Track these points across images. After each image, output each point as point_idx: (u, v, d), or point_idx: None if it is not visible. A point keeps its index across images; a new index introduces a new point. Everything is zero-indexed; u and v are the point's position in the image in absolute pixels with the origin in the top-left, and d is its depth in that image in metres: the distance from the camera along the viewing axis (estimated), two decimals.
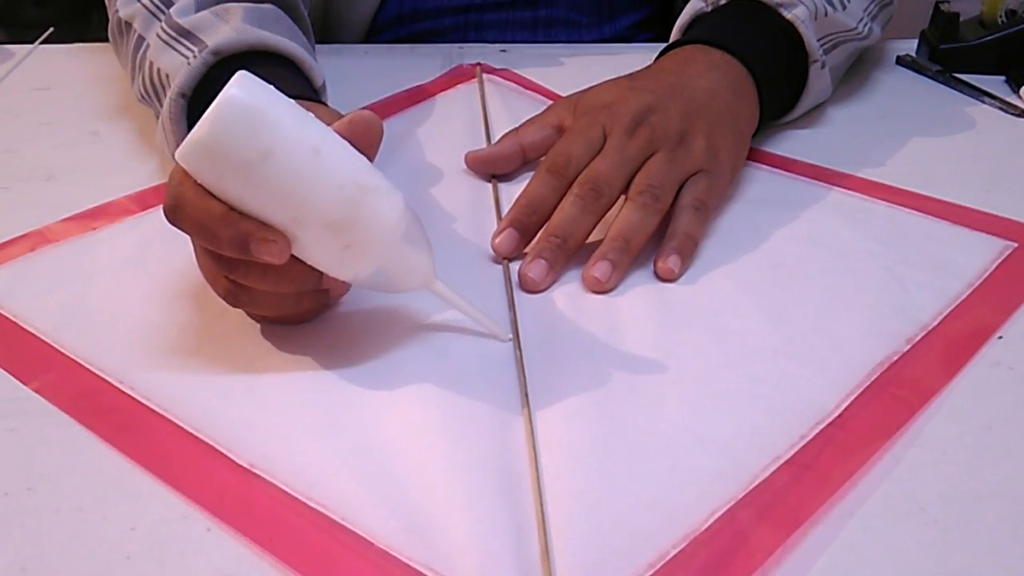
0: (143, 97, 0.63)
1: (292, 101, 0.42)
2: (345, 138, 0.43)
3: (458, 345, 0.47)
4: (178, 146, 0.56)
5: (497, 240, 0.53)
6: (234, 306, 0.46)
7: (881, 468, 0.40)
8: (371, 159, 0.44)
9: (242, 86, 0.40)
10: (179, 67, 0.56)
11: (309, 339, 0.47)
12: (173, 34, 0.58)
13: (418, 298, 0.50)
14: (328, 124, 0.43)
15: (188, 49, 0.57)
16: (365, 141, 0.44)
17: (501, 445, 0.41)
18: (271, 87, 0.41)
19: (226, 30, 0.56)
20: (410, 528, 0.37)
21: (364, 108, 0.46)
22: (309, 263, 0.43)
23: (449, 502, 0.38)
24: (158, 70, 0.59)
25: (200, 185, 0.41)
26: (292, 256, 0.42)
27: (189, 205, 0.42)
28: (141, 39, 0.62)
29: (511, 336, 0.47)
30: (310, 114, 0.42)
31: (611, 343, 0.47)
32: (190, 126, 0.56)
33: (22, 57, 0.83)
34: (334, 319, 0.49)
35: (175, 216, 0.42)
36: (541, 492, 0.38)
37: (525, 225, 0.53)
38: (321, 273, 0.44)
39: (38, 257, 0.55)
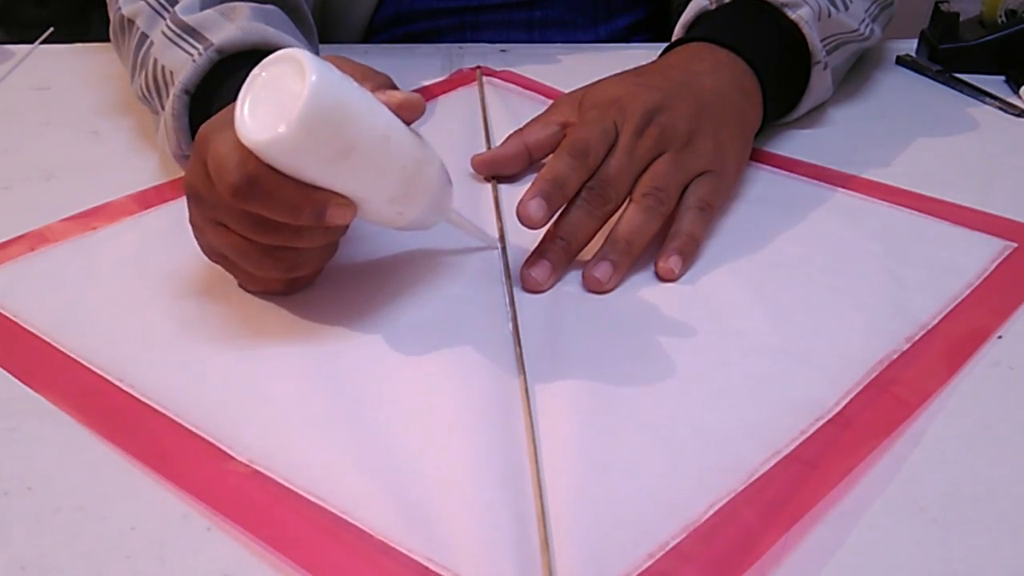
0: (143, 95, 0.63)
1: (359, 86, 0.43)
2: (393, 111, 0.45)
3: (458, 340, 0.47)
4: (179, 143, 0.57)
5: (529, 208, 0.51)
6: (276, 272, 0.47)
7: (881, 468, 0.40)
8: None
9: (321, 80, 0.40)
10: (183, 64, 0.57)
11: (308, 336, 0.47)
12: (178, 31, 0.59)
13: (417, 295, 0.50)
14: (355, 77, 0.43)
15: (193, 47, 0.57)
16: (410, 120, 0.46)
17: (501, 438, 0.41)
18: (345, 76, 0.42)
19: (231, 28, 0.57)
20: (410, 520, 0.37)
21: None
22: (362, 219, 0.46)
23: (449, 494, 0.38)
24: (162, 67, 0.59)
25: (269, 166, 0.42)
26: None
27: (265, 183, 0.42)
28: (144, 36, 0.62)
29: (498, 244, 0.52)
30: (374, 98, 0.43)
31: (611, 340, 0.47)
32: (192, 123, 0.57)
33: (22, 57, 0.83)
34: (333, 317, 0.49)
35: (248, 194, 0.42)
36: (541, 484, 0.38)
37: (552, 199, 0.52)
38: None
39: (38, 257, 0.55)
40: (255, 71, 0.42)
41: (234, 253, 0.46)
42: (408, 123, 0.46)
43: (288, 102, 0.40)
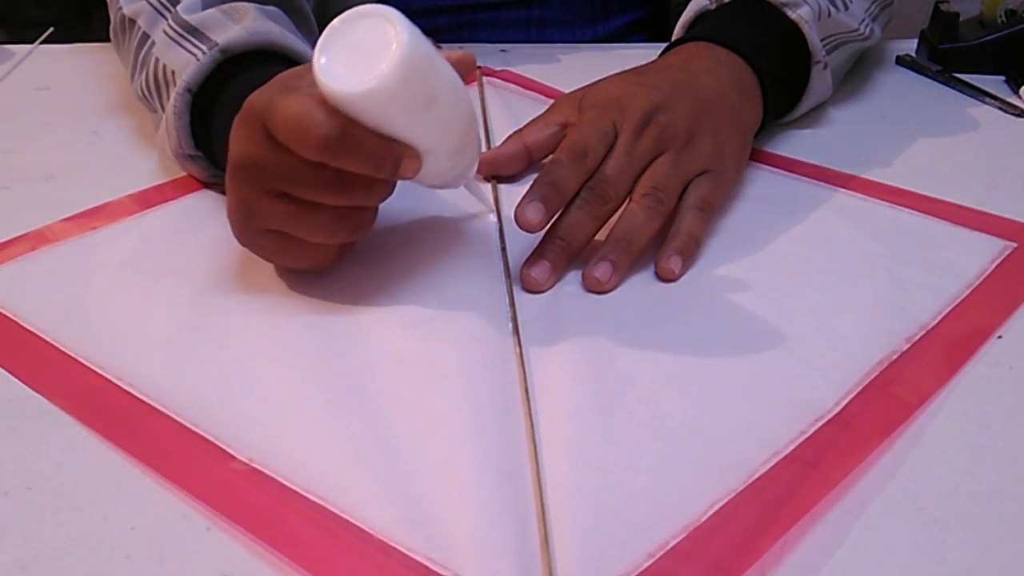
0: (143, 95, 0.63)
1: (431, 42, 0.44)
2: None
3: (459, 339, 0.47)
4: (180, 141, 0.57)
5: (527, 212, 0.51)
6: (341, 234, 0.47)
7: (881, 468, 0.40)
8: None
9: (412, 33, 0.42)
10: (186, 64, 0.57)
11: (308, 335, 0.47)
12: (180, 31, 0.59)
13: (417, 294, 0.50)
14: None
15: (196, 47, 0.57)
16: (465, 78, 0.48)
17: (501, 437, 0.41)
18: (418, 30, 0.43)
19: (237, 29, 0.57)
20: (410, 519, 0.37)
21: None
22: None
23: (449, 493, 0.38)
24: (164, 67, 0.59)
25: (352, 120, 0.42)
26: None
27: (356, 135, 0.43)
28: (146, 36, 0.62)
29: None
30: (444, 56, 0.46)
31: (611, 340, 0.47)
32: (193, 122, 0.57)
33: (22, 57, 0.83)
34: (333, 316, 0.49)
35: (340, 147, 0.42)
36: (541, 483, 0.38)
37: (550, 201, 0.52)
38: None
39: (38, 257, 0.55)
40: (330, 28, 0.43)
41: (296, 223, 0.46)
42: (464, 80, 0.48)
43: (378, 53, 0.41)
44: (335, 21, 0.43)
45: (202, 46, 0.57)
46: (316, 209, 0.46)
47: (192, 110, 0.56)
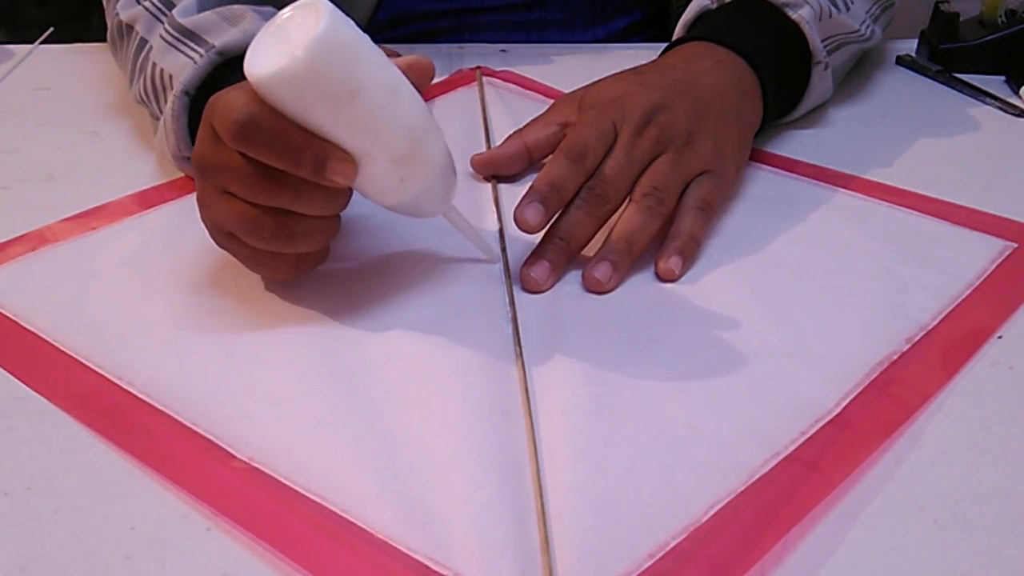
0: (142, 99, 0.63)
1: (369, 39, 0.43)
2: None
3: (459, 339, 0.47)
4: (179, 144, 0.57)
5: (526, 213, 0.51)
6: (280, 245, 0.46)
7: (881, 468, 0.40)
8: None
9: (333, 21, 0.41)
10: (183, 67, 0.57)
11: (308, 335, 0.47)
12: (177, 35, 0.59)
13: (416, 294, 0.50)
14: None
15: (193, 50, 0.57)
16: (419, 84, 0.46)
17: (501, 437, 0.41)
18: (352, 23, 0.42)
19: (233, 31, 0.57)
20: (410, 519, 0.37)
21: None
22: (359, 190, 0.46)
23: (449, 493, 0.38)
24: (161, 71, 0.59)
25: (275, 110, 0.42)
26: None
27: (267, 122, 0.42)
28: (144, 41, 0.62)
29: (500, 258, 0.52)
30: (384, 55, 0.43)
31: (611, 341, 0.47)
32: (191, 124, 0.57)
33: (22, 57, 0.83)
34: (333, 316, 0.49)
35: (249, 132, 0.42)
36: (541, 483, 0.38)
37: (548, 203, 0.52)
38: (350, 196, 0.46)
39: (38, 257, 0.55)
40: (271, 20, 0.43)
41: (239, 223, 0.46)
42: (418, 86, 0.46)
43: (299, 37, 0.40)
44: (273, 18, 0.43)
45: (199, 49, 0.57)
46: (260, 212, 0.45)
47: (190, 113, 0.56)
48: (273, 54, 0.41)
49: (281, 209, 0.45)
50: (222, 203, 0.46)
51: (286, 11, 0.42)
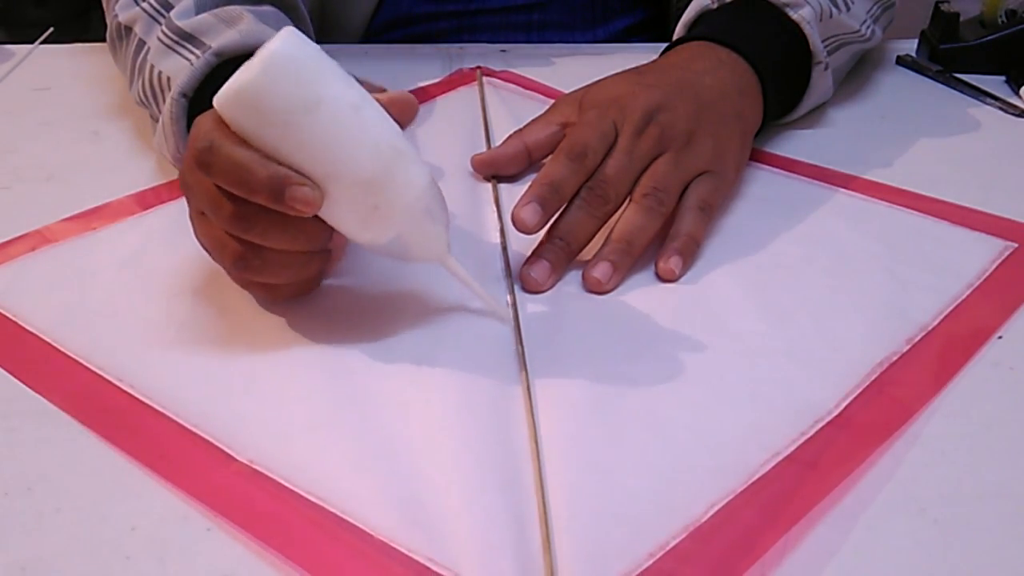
0: (142, 101, 0.63)
1: (334, 62, 0.43)
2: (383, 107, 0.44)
3: (459, 340, 0.47)
4: (178, 147, 0.57)
5: (523, 214, 0.51)
6: (242, 273, 0.45)
7: (881, 468, 0.40)
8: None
9: (288, 39, 0.41)
10: (181, 69, 0.56)
11: (309, 336, 0.47)
12: (174, 37, 0.59)
13: (416, 294, 0.50)
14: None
15: (191, 52, 0.57)
16: (401, 117, 0.45)
17: (502, 437, 0.41)
18: (315, 45, 0.42)
19: (231, 33, 0.57)
20: (411, 520, 0.37)
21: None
22: (332, 223, 0.44)
23: (450, 494, 0.38)
24: (159, 73, 0.59)
25: (234, 133, 0.42)
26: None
27: (224, 148, 0.41)
28: (142, 43, 0.62)
29: (511, 317, 0.48)
30: (350, 75, 0.43)
31: (612, 341, 0.47)
32: (190, 126, 0.56)
33: (22, 57, 0.83)
34: (333, 317, 0.49)
35: (207, 158, 0.42)
36: (542, 484, 0.38)
37: (547, 203, 0.52)
38: (331, 231, 0.44)
39: (38, 257, 0.55)
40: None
41: (210, 246, 0.46)
42: (401, 123, 0.45)
43: (258, 58, 0.40)
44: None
45: (196, 51, 0.57)
46: (228, 239, 0.44)
47: (188, 114, 0.56)
48: (235, 77, 0.41)
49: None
50: (199, 223, 0.46)
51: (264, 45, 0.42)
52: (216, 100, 0.41)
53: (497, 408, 0.43)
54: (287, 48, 0.41)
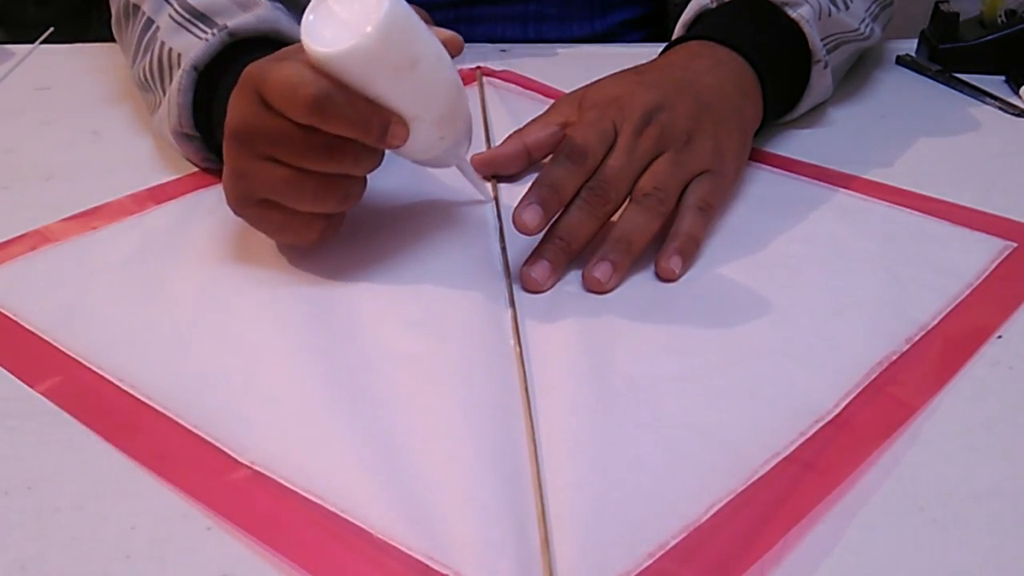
0: (144, 79, 0.63)
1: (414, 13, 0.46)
2: None
3: (459, 339, 0.47)
4: (180, 120, 0.58)
5: (524, 215, 0.51)
6: (326, 202, 0.48)
7: (881, 468, 0.40)
8: None
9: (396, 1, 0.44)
10: (192, 46, 0.58)
11: (309, 336, 0.47)
12: (187, 16, 0.60)
13: (417, 293, 0.50)
14: None
15: (203, 31, 0.59)
16: (450, 52, 0.49)
17: (501, 436, 0.41)
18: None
19: (246, 15, 0.58)
20: (411, 519, 0.37)
21: None
22: (401, 149, 0.49)
23: (449, 493, 0.38)
24: (169, 50, 0.60)
25: (341, 84, 0.44)
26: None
27: (341, 97, 0.44)
28: (150, 21, 0.63)
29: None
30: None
31: (611, 340, 0.47)
32: (196, 100, 0.58)
33: (22, 57, 0.83)
34: (334, 316, 0.49)
35: (325, 109, 0.44)
36: (541, 482, 0.38)
37: (548, 204, 0.52)
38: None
39: (39, 256, 0.55)
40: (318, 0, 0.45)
41: (287, 189, 0.47)
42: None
43: (362, 16, 0.43)
44: None
45: (210, 29, 0.58)
46: (305, 176, 0.47)
47: (196, 88, 0.57)
48: (335, 32, 0.43)
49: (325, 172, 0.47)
50: (263, 169, 0.47)
51: None
52: (326, 54, 0.43)
53: (496, 407, 0.43)
54: (397, 7, 0.43)
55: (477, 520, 0.37)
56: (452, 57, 0.49)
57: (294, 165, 0.47)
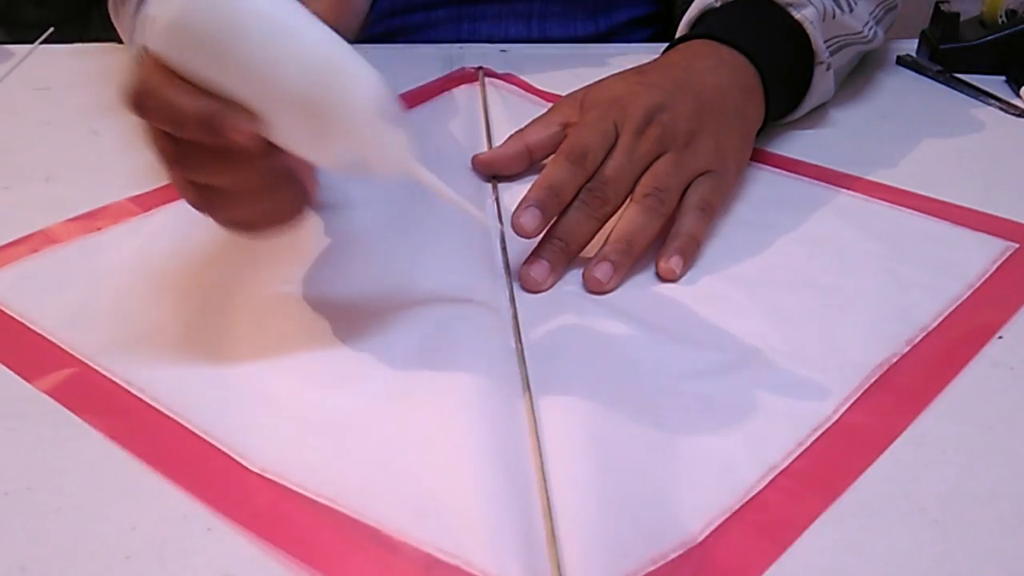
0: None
1: None
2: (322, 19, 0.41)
3: (460, 340, 0.47)
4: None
5: (522, 218, 0.51)
6: (208, 214, 0.43)
7: (881, 468, 0.40)
8: (350, 41, 0.42)
9: None
10: None
11: (314, 337, 0.47)
12: None
13: (418, 293, 0.50)
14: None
15: None
16: (338, 21, 0.42)
17: (505, 435, 0.41)
18: None
19: None
20: (417, 513, 0.37)
21: None
22: (288, 149, 0.41)
23: (454, 488, 0.38)
24: None
25: (170, 72, 0.39)
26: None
27: (156, 87, 0.39)
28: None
29: (499, 227, 0.50)
30: None
31: (611, 340, 0.47)
32: None
33: (22, 57, 0.83)
34: (337, 318, 0.49)
35: (141, 100, 0.40)
36: (546, 479, 0.39)
37: (547, 207, 0.52)
38: (282, 159, 0.42)
39: (42, 258, 0.55)
40: None
41: (179, 192, 0.43)
42: (339, 27, 0.41)
43: None
44: None
45: None
46: (185, 184, 0.42)
47: None
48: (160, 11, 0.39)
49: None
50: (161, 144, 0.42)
51: None
52: (147, 39, 0.39)
53: (500, 406, 0.43)
54: None
55: (484, 514, 0.37)
56: (343, 26, 0.42)
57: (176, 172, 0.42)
